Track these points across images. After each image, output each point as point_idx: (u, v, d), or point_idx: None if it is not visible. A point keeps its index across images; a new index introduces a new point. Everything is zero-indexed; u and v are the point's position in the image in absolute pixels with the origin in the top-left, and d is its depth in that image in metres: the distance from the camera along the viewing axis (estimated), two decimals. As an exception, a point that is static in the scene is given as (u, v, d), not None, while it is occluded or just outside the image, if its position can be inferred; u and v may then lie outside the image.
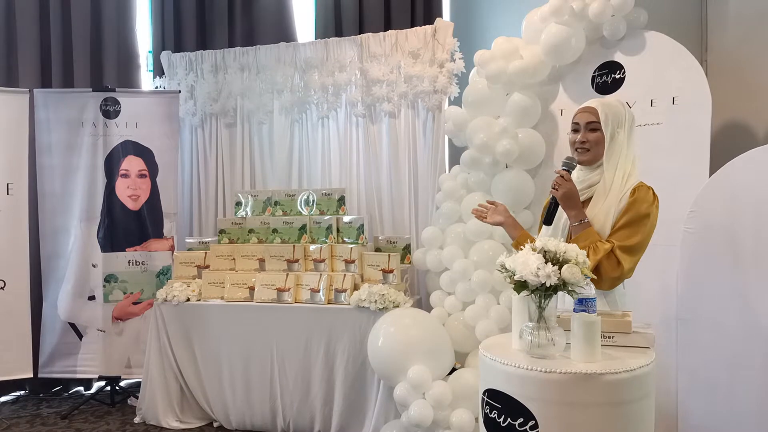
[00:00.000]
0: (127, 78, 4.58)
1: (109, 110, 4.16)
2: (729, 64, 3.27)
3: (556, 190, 2.16)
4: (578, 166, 2.25)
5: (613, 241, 2.08)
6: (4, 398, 4.32)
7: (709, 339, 2.71)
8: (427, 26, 4.02)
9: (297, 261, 3.68)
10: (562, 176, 2.15)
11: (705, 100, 2.90)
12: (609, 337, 2.02)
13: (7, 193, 3.97)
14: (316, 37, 4.48)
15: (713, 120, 2.92)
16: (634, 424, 1.84)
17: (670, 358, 2.78)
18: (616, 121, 2.14)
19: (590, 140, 2.16)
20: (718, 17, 3.39)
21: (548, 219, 2.24)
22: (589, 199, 2.19)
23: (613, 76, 3.16)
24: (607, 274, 2.09)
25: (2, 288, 3.94)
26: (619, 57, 3.16)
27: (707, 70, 3.25)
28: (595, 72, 3.22)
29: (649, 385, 1.89)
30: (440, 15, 4.33)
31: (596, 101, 2.20)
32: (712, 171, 2.81)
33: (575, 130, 2.22)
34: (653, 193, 2.14)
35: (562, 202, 2.16)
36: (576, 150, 2.21)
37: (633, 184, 2.13)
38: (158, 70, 4.62)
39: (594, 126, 2.15)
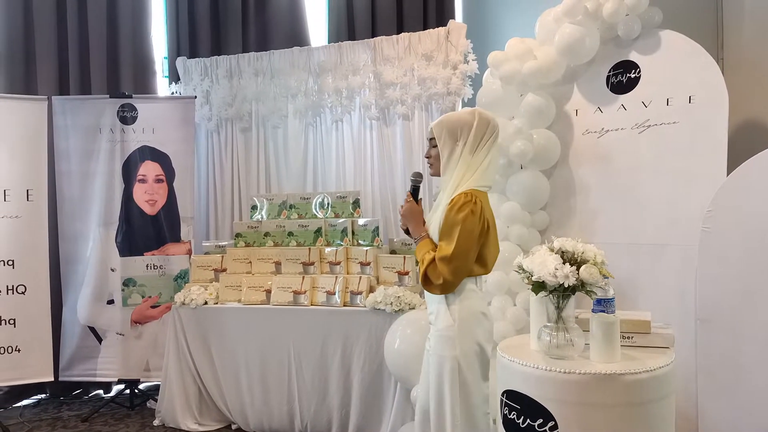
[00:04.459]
0: (144, 84, 4.64)
1: (126, 116, 4.21)
2: (745, 62, 3.25)
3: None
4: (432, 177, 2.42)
5: (433, 253, 2.19)
6: (25, 401, 4.38)
7: (729, 339, 2.69)
8: (440, 28, 4.04)
9: (313, 264, 3.70)
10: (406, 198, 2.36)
11: (722, 99, 2.88)
12: (628, 338, 2.01)
13: (27, 199, 4.02)
14: (329, 41, 4.51)
15: (730, 118, 2.89)
16: (654, 424, 1.84)
17: (689, 358, 2.76)
18: (452, 136, 2.22)
19: (432, 155, 2.32)
20: (734, 14, 3.36)
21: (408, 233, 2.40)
22: None
23: (628, 75, 3.14)
24: (433, 281, 2.18)
25: (23, 293, 3.98)
26: (634, 56, 3.14)
27: (723, 67, 3.22)
28: (610, 71, 3.21)
29: (669, 385, 1.88)
30: (453, 17, 4.35)
31: (438, 119, 2.32)
32: (729, 170, 2.79)
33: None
34: (471, 200, 2.15)
35: (402, 219, 2.35)
36: (429, 164, 2.38)
37: (455, 194, 2.18)
38: (174, 76, 4.67)
39: (434, 143, 2.29)
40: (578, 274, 1.81)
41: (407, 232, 2.39)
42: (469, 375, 2.19)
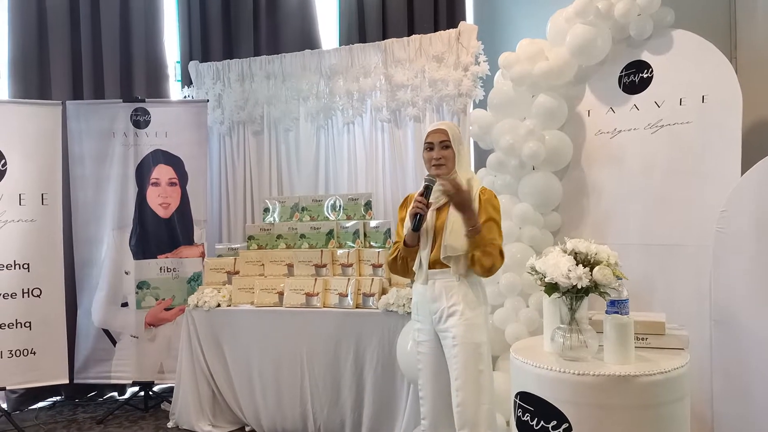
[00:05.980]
0: (156, 88, 4.67)
1: (140, 120, 4.24)
2: (759, 61, 3.22)
3: (424, 206, 2.37)
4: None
5: (498, 240, 2.41)
6: (41, 404, 4.42)
7: (745, 341, 2.66)
8: (450, 30, 4.03)
9: (325, 266, 3.71)
10: (450, 185, 2.35)
11: (735, 98, 2.85)
12: (642, 339, 2.01)
13: (42, 203, 4.06)
14: (340, 44, 4.52)
15: (744, 117, 2.86)
16: (669, 426, 1.83)
17: (704, 360, 2.74)
18: (458, 139, 2.52)
19: (444, 156, 2.48)
20: (747, 13, 3.34)
21: (417, 227, 2.43)
22: (444, 204, 2.46)
23: (640, 75, 3.13)
24: (497, 267, 2.40)
25: (38, 296, 4.02)
26: (646, 56, 3.13)
27: (737, 67, 3.20)
28: (622, 72, 3.19)
29: (683, 387, 1.87)
30: (464, 18, 4.34)
31: (444, 124, 2.55)
32: (744, 170, 2.77)
33: (430, 149, 2.50)
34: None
35: (460, 207, 2.36)
36: (433, 166, 2.49)
37: (478, 187, 2.49)
38: (186, 80, 4.70)
39: (446, 144, 2.47)
40: (591, 275, 1.81)
41: (416, 228, 2.40)
42: (491, 358, 2.42)
